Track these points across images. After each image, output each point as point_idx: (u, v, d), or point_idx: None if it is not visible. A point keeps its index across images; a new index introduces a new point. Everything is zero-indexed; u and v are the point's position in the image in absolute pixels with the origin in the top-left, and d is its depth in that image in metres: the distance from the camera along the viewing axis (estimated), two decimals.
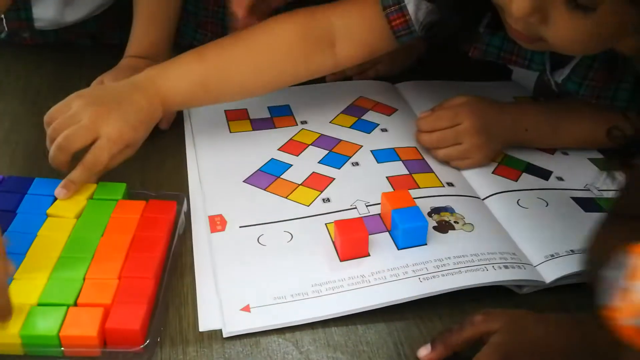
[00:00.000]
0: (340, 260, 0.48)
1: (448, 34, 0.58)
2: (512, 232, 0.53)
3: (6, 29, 0.73)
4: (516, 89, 0.73)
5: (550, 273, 0.49)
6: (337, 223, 0.48)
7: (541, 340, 0.40)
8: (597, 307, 0.30)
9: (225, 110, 0.67)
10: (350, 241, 0.47)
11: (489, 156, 0.61)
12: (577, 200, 0.58)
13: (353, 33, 0.60)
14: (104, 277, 0.42)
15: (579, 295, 0.48)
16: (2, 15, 0.71)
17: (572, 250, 0.51)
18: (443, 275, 0.47)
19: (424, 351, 0.42)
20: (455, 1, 0.55)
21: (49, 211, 0.47)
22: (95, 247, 0.45)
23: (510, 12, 0.48)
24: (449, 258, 0.49)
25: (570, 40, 0.49)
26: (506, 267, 0.49)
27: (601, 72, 0.58)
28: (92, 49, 0.79)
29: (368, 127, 0.65)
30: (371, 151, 0.61)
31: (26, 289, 0.41)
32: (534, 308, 0.47)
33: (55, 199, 0.49)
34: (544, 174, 0.61)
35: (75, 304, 0.40)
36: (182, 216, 0.51)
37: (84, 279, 0.42)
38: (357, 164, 0.60)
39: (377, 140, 0.63)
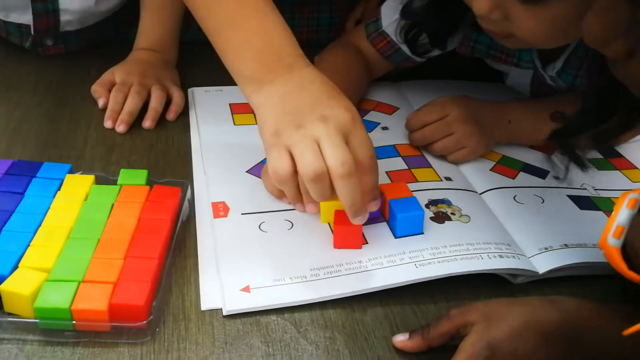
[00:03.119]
0: (334, 247, 0.49)
1: (429, 34, 0.63)
2: (508, 225, 0.54)
3: (32, 33, 0.72)
4: (514, 92, 0.74)
5: (543, 264, 0.50)
6: (337, 212, 0.49)
7: (521, 324, 0.40)
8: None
9: (230, 104, 0.68)
10: (344, 232, 0.48)
11: (484, 143, 0.62)
12: (573, 198, 0.59)
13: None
14: (110, 257, 0.44)
15: (573, 287, 0.50)
16: (31, 23, 0.71)
17: (565, 245, 0.52)
18: (439, 262, 0.48)
19: (400, 337, 0.42)
20: (430, 7, 0.60)
21: (57, 195, 0.49)
22: (102, 229, 0.46)
23: (474, 11, 0.51)
24: (445, 246, 0.50)
25: (533, 33, 0.51)
26: (501, 256, 0.50)
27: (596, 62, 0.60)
28: (101, 44, 0.80)
29: (369, 127, 0.67)
30: None
31: (38, 265, 0.42)
32: (526, 297, 0.49)
33: (62, 183, 0.50)
34: (541, 173, 0.63)
35: (83, 281, 0.42)
36: (186, 202, 0.52)
37: (91, 258, 0.43)
38: None
39: (378, 138, 0.64)
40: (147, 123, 0.63)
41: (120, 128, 0.62)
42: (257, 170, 0.58)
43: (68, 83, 0.71)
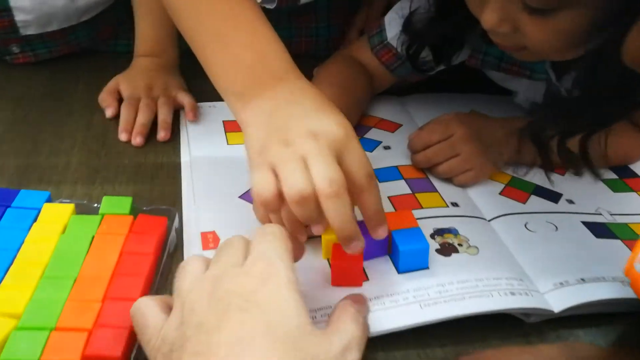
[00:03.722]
0: (332, 285, 0.45)
1: (432, 50, 0.60)
2: (519, 256, 0.51)
3: None
4: (528, 104, 0.71)
5: (559, 302, 0.46)
6: (335, 246, 0.45)
7: None
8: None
9: (223, 121, 0.65)
10: (343, 267, 0.44)
11: (490, 163, 0.59)
12: (587, 225, 0.55)
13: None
14: (86, 298, 0.40)
15: (589, 326, 0.46)
16: None
17: (582, 279, 0.48)
18: (445, 301, 0.45)
19: None
20: (433, 21, 0.57)
21: (33, 227, 0.45)
22: (79, 265, 0.42)
23: (483, 25, 0.48)
24: (452, 283, 0.46)
25: (544, 44, 0.48)
26: (512, 293, 0.46)
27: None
28: (87, 55, 0.77)
29: (370, 146, 0.63)
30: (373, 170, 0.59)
31: (7, 310, 0.39)
32: (541, 337, 0.45)
33: (39, 212, 0.47)
34: (554, 197, 0.59)
35: (55, 329, 0.38)
36: (173, 232, 0.49)
37: (66, 301, 0.40)
38: None
39: (380, 158, 0.61)
40: (162, 134, 0.62)
41: (137, 140, 0.61)
42: (250, 196, 0.54)
43: (54, 96, 0.68)
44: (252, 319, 0.31)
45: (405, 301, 0.44)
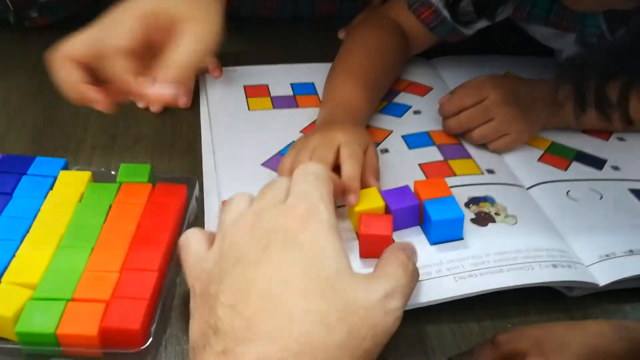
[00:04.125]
0: (360, 257, 0.43)
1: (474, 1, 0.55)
2: (561, 227, 0.47)
3: (11, 7, 0.67)
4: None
5: (604, 275, 0.43)
6: (363, 216, 0.42)
7: (586, 356, 0.34)
8: None
9: (244, 86, 0.62)
10: (371, 239, 0.42)
11: (528, 129, 0.55)
12: (635, 192, 0.51)
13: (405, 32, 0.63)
14: (104, 269, 0.38)
15: (637, 301, 0.43)
16: None
17: (630, 251, 0.45)
18: (482, 274, 0.42)
19: None
20: None
21: (49, 195, 0.44)
22: (97, 235, 0.41)
23: None
24: (489, 255, 0.43)
25: None
26: (554, 266, 0.43)
27: None
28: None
29: (399, 111, 0.60)
30: (402, 136, 0.56)
31: (22, 280, 0.37)
32: (585, 312, 0.42)
33: (55, 180, 0.45)
34: (597, 163, 0.55)
35: (72, 300, 0.36)
36: (194, 201, 0.47)
37: (83, 271, 0.38)
38: (386, 150, 0.54)
39: (409, 124, 0.58)
40: (184, 99, 0.58)
41: (156, 107, 0.58)
42: (274, 162, 0.52)
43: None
44: (291, 258, 0.31)
45: (438, 274, 0.42)
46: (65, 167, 0.47)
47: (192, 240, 0.35)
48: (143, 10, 0.40)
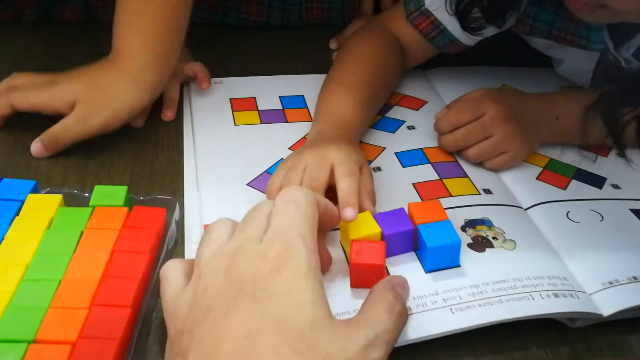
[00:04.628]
0: (351, 287, 0.40)
1: (484, 6, 0.53)
2: (562, 251, 0.45)
3: None
4: (564, 79, 0.64)
5: (608, 305, 0.41)
6: (355, 244, 0.40)
7: None
8: None
9: (230, 99, 0.59)
10: (362, 268, 0.39)
11: (527, 146, 0.53)
12: (637, 212, 0.49)
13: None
14: (71, 305, 0.35)
15: None
16: None
17: (634, 277, 0.42)
18: (480, 305, 0.39)
19: None
20: None
21: (14, 221, 0.41)
22: (65, 266, 0.38)
23: None
24: (487, 284, 0.41)
25: (627, 2, 0.43)
26: (556, 295, 0.40)
27: None
28: (86, 26, 0.71)
29: (393, 126, 0.57)
30: (395, 154, 0.53)
31: None
32: (589, 344, 0.40)
33: (22, 204, 0.42)
34: (597, 181, 0.53)
35: (34, 341, 0.33)
36: (173, 225, 0.44)
37: (48, 308, 0.35)
38: (379, 169, 0.51)
39: (403, 140, 0.55)
40: (169, 113, 0.56)
41: (139, 122, 0.55)
42: (259, 182, 0.49)
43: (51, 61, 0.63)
44: (261, 311, 0.29)
45: (434, 305, 0.39)
46: (35, 190, 0.44)
47: (170, 275, 0.34)
48: None
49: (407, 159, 0.53)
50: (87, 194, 0.44)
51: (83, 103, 0.49)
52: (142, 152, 0.53)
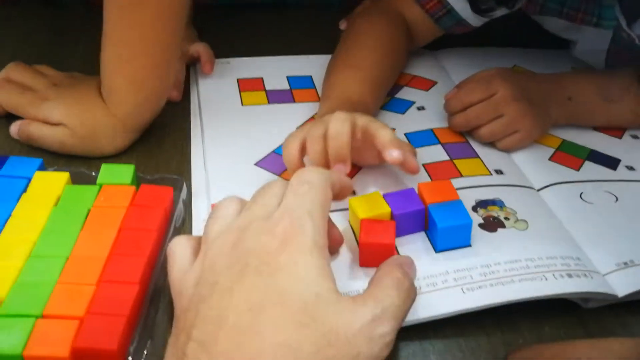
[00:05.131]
0: (360, 266, 0.39)
1: None
2: (575, 232, 0.44)
3: None
4: (576, 61, 0.63)
5: (622, 285, 0.40)
6: (364, 223, 0.39)
7: None
8: None
9: (237, 79, 0.59)
10: (372, 247, 0.38)
11: (539, 126, 0.52)
12: None
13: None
14: (79, 281, 0.35)
15: None
16: None
17: None
18: (491, 285, 0.38)
19: None
20: None
21: (21, 198, 0.40)
22: (73, 243, 0.37)
23: None
24: (499, 264, 0.40)
25: None
26: (569, 275, 0.40)
27: None
28: (86, 13, 0.71)
29: (402, 107, 0.56)
30: (405, 134, 0.52)
31: None
32: (602, 326, 0.39)
33: (29, 182, 0.41)
34: (611, 163, 0.52)
35: (42, 316, 0.33)
36: (181, 204, 0.43)
37: (55, 284, 0.35)
38: None
39: (413, 121, 0.54)
40: (174, 93, 0.55)
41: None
42: (268, 162, 0.49)
43: (53, 51, 0.62)
44: (265, 284, 0.29)
45: (444, 284, 0.38)
46: (42, 168, 0.43)
47: (177, 252, 0.34)
48: None
49: (417, 139, 0.52)
50: (94, 173, 0.44)
51: (68, 131, 0.47)
52: (149, 133, 0.52)
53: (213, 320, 0.28)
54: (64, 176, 0.42)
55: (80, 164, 0.47)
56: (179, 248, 0.34)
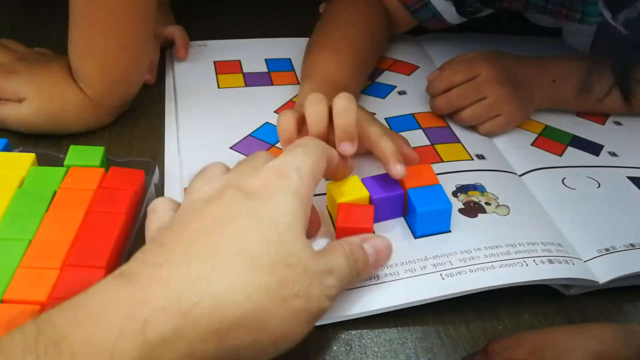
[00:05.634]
0: None
1: None
2: (557, 218, 0.43)
3: None
4: (559, 48, 0.62)
5: (604, 272, 0.39)
6: (342, 207, 0.38)
7: None
8: None
9: (214, 61, 0.57)
10: (349, 232, 0.37)
11: (522, 109, 0.51)
12: (635, 180, 0.48)
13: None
14: (41, 265, 0.33)
15: (639, 299, 0.39)
16: None
17: (631, 245, 0.41)
18: (471, 271, 0.38)
19: None
20: None
21: None
22: (36, 226, 0.36)
23: None
24: (479, 249, 0.39)
25: None
26: (550, 261, 0.39)
27: None
28: None
29: (383, 91, 0.55)
30: (386, 119, 0.51)
31: None
32: (583, 313, 0.38)
33: None
34: (594, 149, 0.51)
35: (1, 301, 0.31)
36: (152, 188, 0.42)
37: (16, 268, 0.33)
38: None
39: (394, 105, 0.53)
40: (148, 76, 0.54)
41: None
42: (244, 146, 0.47)
43: (22, 32, 0.60)
44: (239, 204, 0.29)
45: (423, 270, 0.37)
46: (6, 149, 0.42)
47: (159, 209, 0.33)
48: None
49: (398, 124, 0.51)
50: (62, 155, 0.42)
51: (32, 109, 0.45)
52: (122, 117, 0.50)
53: (179, 228, 0.29)
54: (29, 157, 0.40)
55: (48, 146, 0.45)
56: (161, 206, 0.33)
